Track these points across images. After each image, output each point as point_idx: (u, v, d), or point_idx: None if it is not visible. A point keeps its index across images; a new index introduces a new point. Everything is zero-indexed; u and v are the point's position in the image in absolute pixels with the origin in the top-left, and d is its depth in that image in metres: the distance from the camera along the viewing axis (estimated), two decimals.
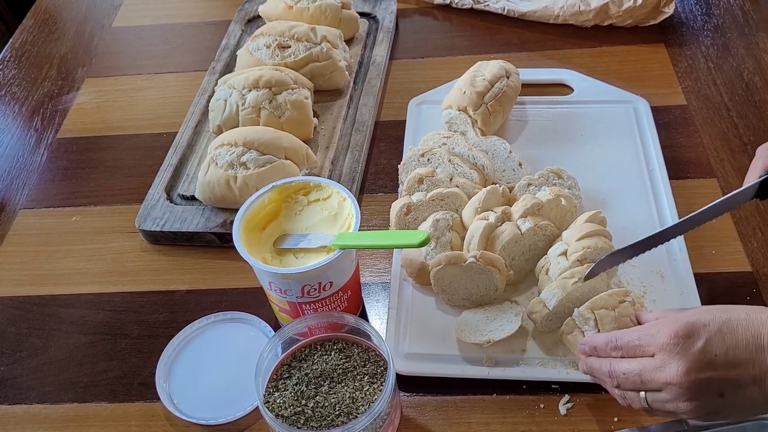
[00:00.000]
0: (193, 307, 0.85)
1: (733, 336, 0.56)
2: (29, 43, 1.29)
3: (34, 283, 0.89)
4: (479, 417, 0.72)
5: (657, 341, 0.58)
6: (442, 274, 0.76)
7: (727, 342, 0.56)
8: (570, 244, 0.76)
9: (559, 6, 1.13)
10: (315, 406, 0.65)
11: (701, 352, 0.56)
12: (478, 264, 0.74)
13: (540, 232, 0.79)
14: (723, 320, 0.57)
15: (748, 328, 0.56)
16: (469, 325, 0.75)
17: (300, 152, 0.91)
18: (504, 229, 0.78)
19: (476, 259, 0.74)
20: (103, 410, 0.76)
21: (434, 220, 0.80)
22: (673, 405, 0.58)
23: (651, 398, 0.59)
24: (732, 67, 1.06)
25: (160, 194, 0.94)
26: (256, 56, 1.05)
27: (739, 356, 0.55)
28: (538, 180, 0.86)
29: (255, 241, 0.73)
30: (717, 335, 0.56)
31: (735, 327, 0.56)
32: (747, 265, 0.82)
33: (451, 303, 0.79)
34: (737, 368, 0.55)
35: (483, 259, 0.74)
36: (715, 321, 0.57)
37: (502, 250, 0.78)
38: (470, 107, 0.94)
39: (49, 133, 1.10)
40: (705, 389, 0.56)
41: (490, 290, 0.77)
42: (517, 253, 0.79)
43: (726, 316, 0.57)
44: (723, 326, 0.56)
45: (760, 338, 0.55)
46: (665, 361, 0.57)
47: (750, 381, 0.55)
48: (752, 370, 0.55)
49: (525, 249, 0.80)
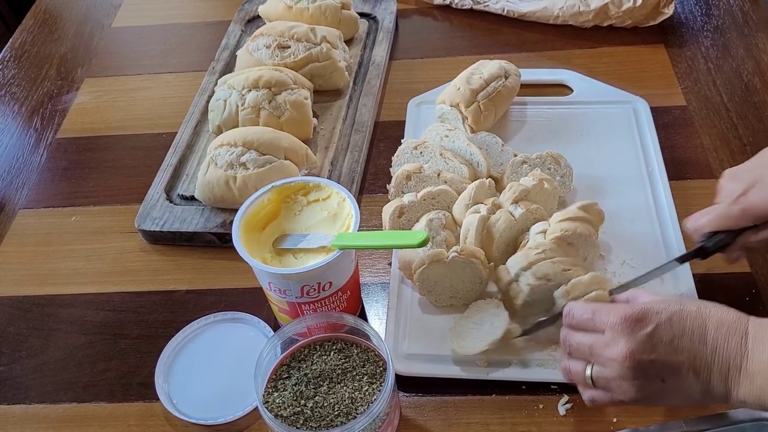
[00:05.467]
0: (193, 307, 0.85)
1: (680, 325, 0.58)
2: (29, 43, 1.29)
3: (34, 283, 0.89)
4: (478, 417, 0.72)
5: (609, 319, 0.60)
6: (427, 274, 0.76)
7: (674, 330, 0.58)
8: (552, 224, 0.78)
9: (559, 6, 1.13)
10: (314, 407, 0.65)
11: (648, 336, 0.58)
12: (460, 257, 0.75)
13: (531, 216, 0.80)
14: (674, 310, 0.59)
15: (695, 319, 0.58)
16: (461, 335, 0.75)
17: (299, 152, 0.91)
18: (498, 217, 0.79)
19: (458, 253, 0.75)
20: (102, 410, 0.76)
21: (428, 220, 0.81)
22: (616, 383, 0.60)
23: (596, 372, 0.62)
24: (731, 68, 1.06)
25: (159, 194, 0.94)
26: (256, 56, 1.05)
27: (683, 345, 0.57)
28: (534, 160, 0.88)
29: (254, 242, 0.73)
30: (666, 323, 0.58)
31: (684, 317, 0.58)
32: (746, 265, 0.82)
33: (439, 303, 0.79)
34: (679, 355, 0.57)
35: (464, 252, 0.76)
36: (667, 310, 0.59)
37: (500, 237, 0.79)
38: (462, 104, 0.94)
39: (48, 133, 1.10)
40: (647, 371, 0.58)
41: (476, 283, 0.77)
42: (512, 239, 0.80)
43: (678, 307, 0.59)
44: (674, 315, 0.58)
45: (705, 330, 0.57)
46: (614, 338, 0.59)
47: (690, 369, 0.57)
48: (693, 359, 0.57)
49: (518, 234, 0.81)
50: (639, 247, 0.82)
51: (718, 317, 0.58)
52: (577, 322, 0.64)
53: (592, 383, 0.62)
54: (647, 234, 0.84)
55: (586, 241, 0.77)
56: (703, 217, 0.72)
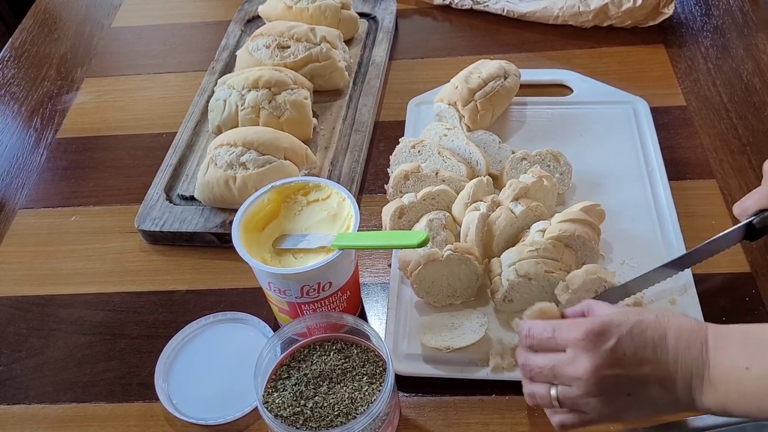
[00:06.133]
0: (192, 307, 0.85)
1: (642, 337, 0.57)
2: (29, 42, 1.29)
3: (33, 283, 0.89)
4: (478, 417, 0.72)
5: (570, 336, 0.59)
6: (424, 275, 0.77)
7: (636, 342, 0.57)
8: (552, 224, 0.78)
9: (559, 7, 1.14)
10: (314, 407, 0.65)
11: (611, 350, 0.57)
12: (455, 255, 0.76)
13: (531, 213, 0.81)
14: (634, 322, 0.58)
15: (655, 329, 0.58)
16: (433, 328, 0.75)
17: (299, 152, 0.91)
18: (498, 214, 0.79)
19: (453, 251, 0.75)
20: (102, 410, 0.76)
21: (428, 220, 0.81)
22: (583, 401, 0.59)
23: (561, 393, 0.60)
24: (731, 68, 1.06)
25: (159, 194, 0.94)
26: (256, 56, 1.05)
27: (646, 356, 0.57)
28: (533, 157, 0.88)
29: (254, 242, 0.73)
30: (627, 335, 0.57)
31: (645, 328, 0.58)
32: (746, 266, 0.82)
33: (437, 304, 0.78)
34: (643, 367, 0.57)
35: (459, 249, 0.76)
36: (627, 322, 0.58)
37: (500, 235, 0.79)
38: (460, 102, 0.95)
39: (48, 133, 1.10)
40: (613, 386, 0.57)
41: (472, 279, 0.77)
42: (512, 236, 0.80)
43: (638, 318, 0.58)
44: (634, 327, 0.58)
45: (665, 340, 0.57)
46: (576, 355, 0.58)
47: (655, 381, 0.57)
48: (657, 370, 0.57)
49: (519, 231, 0.81)
50: (639, 246, 0.82)
51: (678, 326, 0.58)
52: (538, 342, 0.62)
53: (559, 405, 0.61)
54: (647, 234, 0.84)
55: (585, 245, 0.77)
56: (748, 199, 0.73)
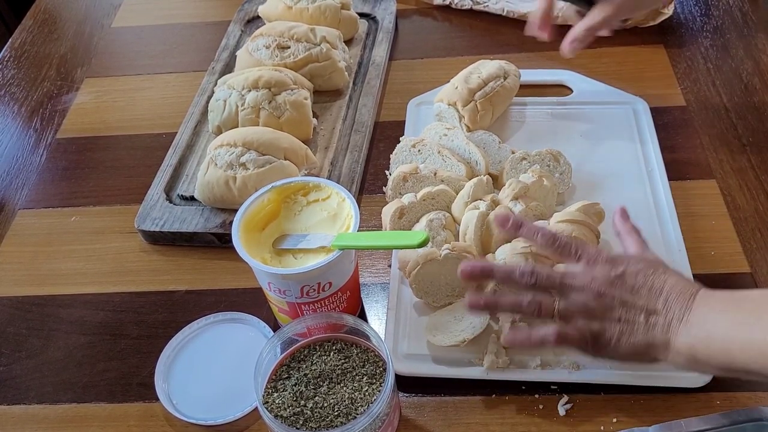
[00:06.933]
0: (192, 307, 0.85)
1: (645, 279, 0.64)
2: (29, 43, 1.29)
3: (33, 283, 0.89)
4: (478, 418, 0.72)
5: (590, 251, 0.66)
6: (422, 276, 0.77)
7: (638, 280, 0.63)
8: (550, 224, 0.78)
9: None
10: (314, 407, 0.65)
11: (619, 276, 0.64)
12: (453, 253, 0.76)
13: (531, 213, 0.81)
14: (644, 265, 0.65)
15: (658, 278, 0.63)
16: (439, 327, 0.75)
17: (299, 153, 0.91)
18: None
19: (450, 250, 0.76)
20: (102, 410, 0.76)
21: (428, 220, 0.81)
22: (579, 312, 0.64)
23: (562, 305, 0.65)
24: (731, 68, 1.06)
25: (159, 194, 0.94)
26: (256, 57, 1.05)
27: (642, 293, 0.63)
28: (533, 157, 0.89)
29: (254, 242, 0.73)
30: (633, 273, 0.64)
31: (650, 274, 0.64)
32: (746, 266, 0.82)
33: (437, 304, 0.79)
34: (638, 299, 0.63)
35: (457, 248, 0.76)
36: (639, 265, 0.65)
37: (499, 234, 0.79)
38: (459, 103, 0.95)
39: (48, 133, 1.10)
40: (609, 306, 0.63)
41: None
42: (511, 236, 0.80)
43: (647, 263, 0.65)
44: (642, 271, 0.64)
45: (662, 287, 0.63)
46: (588, 269, 0.65)
47: (642, 312, 0.62)
48: (646, 306, 0.62)
49: None
50: None
51: (675, 280, 0.63)
52: (563, 242, 0.68)
53: (558, 316, 0.65)
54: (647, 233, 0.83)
55: None
56: None
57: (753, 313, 0.57)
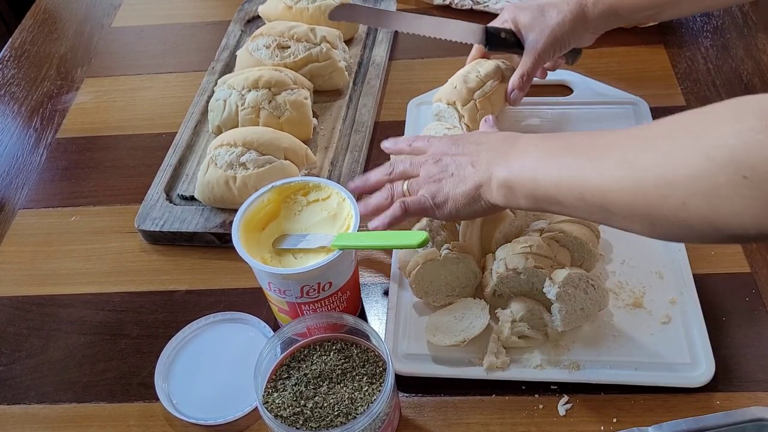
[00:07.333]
0: (192, 307, 0.85)
1: (476, 136, 0.74)
2: (29, 42, 1.29)
3: (33, 283, 0.89)
4: (478, 417, 0.72)
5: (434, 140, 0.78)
6: (422, 275, 0.77)
7: (471, 139, 0.74)
8: (551, 224, 0.78)
9: None
10: (314, 407, 0.65)
11: (453, 141, 0.75)
12: (453, 253, 0.76)
13: (531, 213, 0.81)
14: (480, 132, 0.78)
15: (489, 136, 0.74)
16: (439, 327, 0.75)
17: (299, 152, 0.91)
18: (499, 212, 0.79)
19: (450, 250, 0.76)
20: (101, 410, 0.76)
21: (428, 220, 0.81)
22: (423, 179, 0.74)
23: (410, 182, 0.75)
24: (731, 68, 1.06)
25: (159, 194, 0.94)
26: (256, 56, 1.05)
27: (470, 148, 0.72)
28: None
29: (254, 242, 0.73)
30: (468, 136, 0.76)
31: (483, 137, 0.74)
32: (746, 266, 0.82)
33: (436, 304, 0.79)
34: (465, 155, 0.72)
35: (456, 248, 0.76)
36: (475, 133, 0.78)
37: (499, 234, 0.79)
38: (459, 102, 0.95)
39: (48, 133, 1.10)
40: (443, 168, 0.72)
41: (470, 278, 0.78)
42: (512, 236, 0.81)
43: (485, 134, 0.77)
44: (478, 133, 0.77)
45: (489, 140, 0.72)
46: (431, 145, 0.77)
47: (469, 163, 0.71)
48: (474, 156, 0.71)
49: (519, 231, 0.81)
50: (639, 246, 0.82)
51: (503, 135, 0.73)
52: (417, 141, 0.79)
53: (407, 193, 0.75)
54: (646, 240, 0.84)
55: (582, 247, 0.77)
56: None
57: (563, 150, 0.64)
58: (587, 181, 0.59)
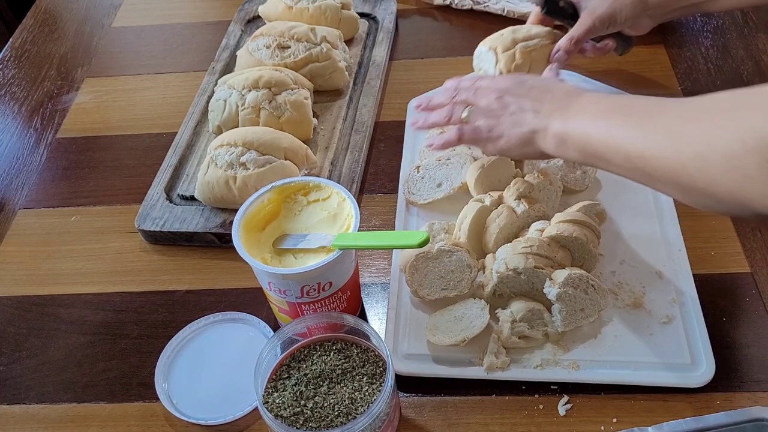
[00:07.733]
0: (193, 307, 0.85)
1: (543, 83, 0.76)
2: (29, 42, 1.29)
3: (33, 283, 0.89)
4: (478, 417, 0.72)
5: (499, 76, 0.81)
6: (416, 268, 0.77)
7: (536, 83, 0.75)
8: (551, 224, 0.78)
9: None
10: (314, 407, 0.65)
11: (519, 82, 0.76)
12: (446, 246, 0.77)
13: (533, 214, 0.81)
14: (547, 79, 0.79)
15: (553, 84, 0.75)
16: (439, 327, 0.75)
17: (299, 152, 0.91)
18: (500, 212, 0.80)
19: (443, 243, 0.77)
20: (102, 410, 0.76)
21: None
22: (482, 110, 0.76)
23: (471, 110, 0.77)
24: (731, 69, 1.06)
25: (159, 194, 0.94)
26: (256, 56, 1.05)
27: (534, 94, 0.74)
28: None
29: (254, 242, 0.73)
30: (534, 79, 0.77)
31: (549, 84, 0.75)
32: (746, 266, 0.82)
33: (431, 297, 0.78)
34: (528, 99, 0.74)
35: (449, 240, 0.78)
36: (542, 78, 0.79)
37: (499, 233, 0.79)
38: (500, 47, 0.95)
39: (48, 133, 1.10)
40: (505, 105, 0.74)
41: (464, 271, 0.78)
42: (512, 235, 0.81)
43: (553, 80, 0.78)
44: (544, 79, 0.78)
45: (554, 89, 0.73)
46: (496, 79, 0.79)
47: (530, 110, 0.73)
48: (535, 103, 0.73)
49: (519, 230, 0.81)
50: (639, 246, 0.82)
51: (569, 86, 0.74)
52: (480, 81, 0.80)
53: (466, 120, 0.77)
54: (648, 233, 0.84)
55: (582, 248, 0.77)
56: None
57: (617, 112, 0.65)
58: (633, 145, 0.62)
